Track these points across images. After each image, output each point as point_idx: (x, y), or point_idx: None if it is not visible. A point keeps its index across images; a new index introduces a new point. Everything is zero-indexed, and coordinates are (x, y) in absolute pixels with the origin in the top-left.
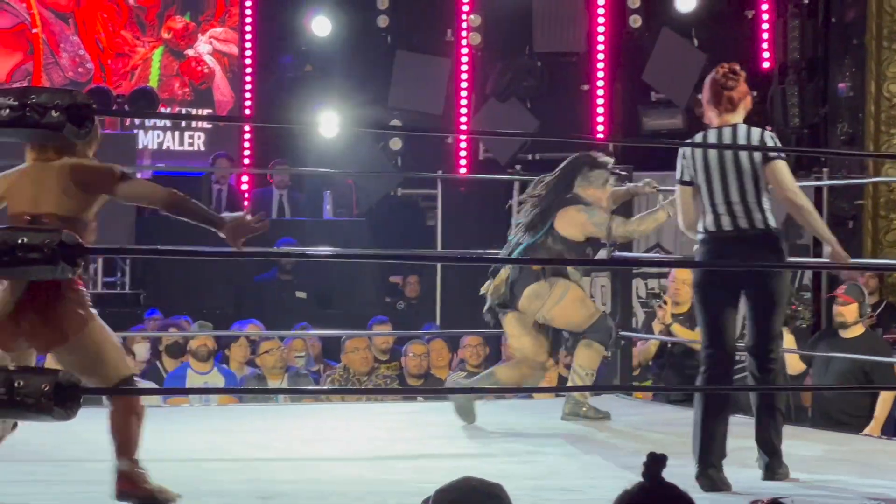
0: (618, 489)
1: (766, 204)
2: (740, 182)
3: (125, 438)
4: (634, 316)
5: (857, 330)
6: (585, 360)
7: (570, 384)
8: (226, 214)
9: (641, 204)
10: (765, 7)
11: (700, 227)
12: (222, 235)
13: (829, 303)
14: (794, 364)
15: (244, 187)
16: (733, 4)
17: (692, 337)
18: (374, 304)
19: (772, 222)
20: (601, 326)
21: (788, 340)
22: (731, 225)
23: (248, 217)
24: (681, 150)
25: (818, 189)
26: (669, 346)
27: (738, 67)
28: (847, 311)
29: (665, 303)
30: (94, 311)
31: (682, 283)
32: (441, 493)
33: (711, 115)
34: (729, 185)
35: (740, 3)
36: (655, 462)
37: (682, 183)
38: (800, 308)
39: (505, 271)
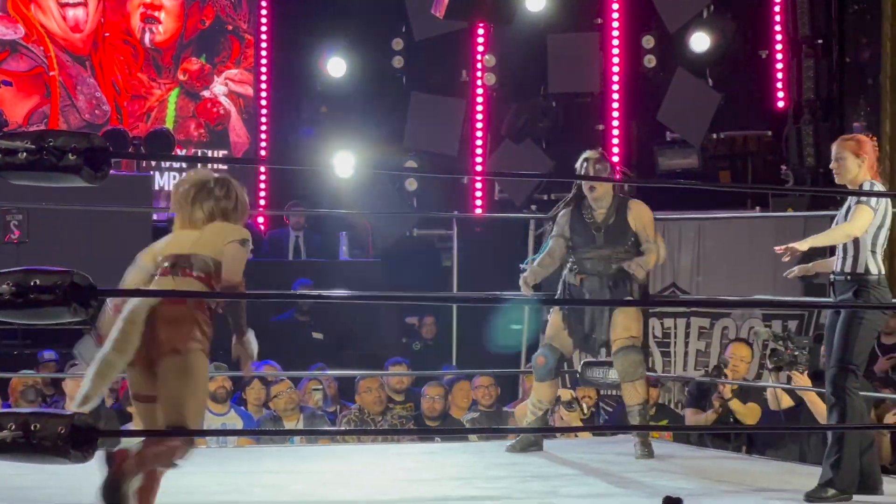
0: None
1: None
2: None
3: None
4: (651, 356)
5: None
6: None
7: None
8: (250, 335)
9: None
10: (779, 47)
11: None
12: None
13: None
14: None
15: (261, 228)
16: (747, 44)
17: (746, 412)
18: (390, 345)
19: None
20: None
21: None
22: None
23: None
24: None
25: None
26: (731, 420)
27: None
28: None
29: (727, 376)
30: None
31: (740, 360)
32: None
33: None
34: None
35: (754, 43)
36: None
37: None
38: (796, 353)
39: None
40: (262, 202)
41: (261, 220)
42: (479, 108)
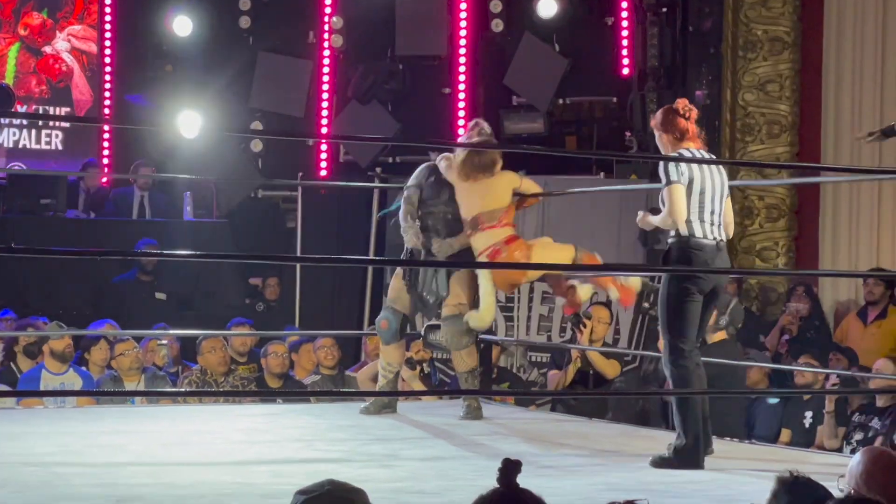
0: (475, 494)
1: None
2: None
3: None
4: (495, 320)
5: (719, 337)
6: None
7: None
8: None
9: None
10: (624, 14)
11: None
12: None
13: None
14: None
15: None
16: (594, 11)
17: (606, 365)
18: (234, 305)
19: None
20: None
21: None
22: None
23: None
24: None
25: None
26: (591, 373)
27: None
28: None
29: (585, 326)
30: None
31: (598, 321)
32: (302, 495)
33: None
34: None
35: (601, 10)
36: (510, 468)
37: None
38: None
39: None
40: (105, 161)
41: (104, 179)
42: (326, 69)
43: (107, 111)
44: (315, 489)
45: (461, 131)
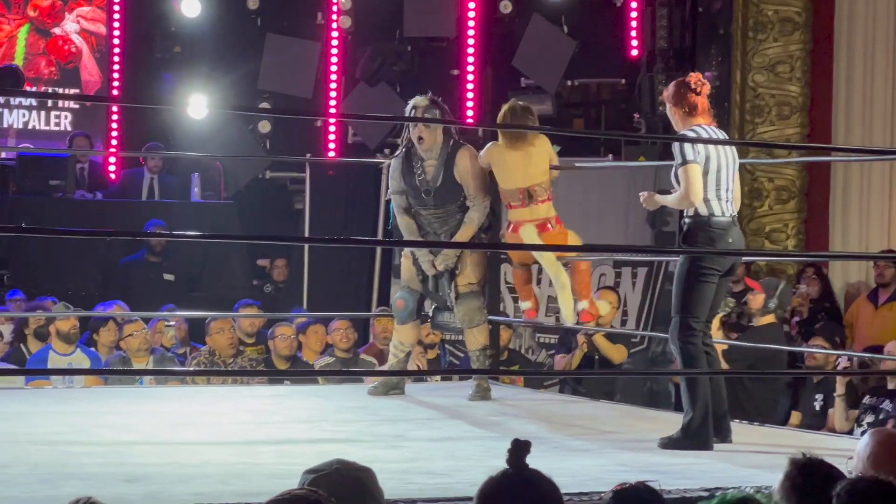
0: (484, 474)
1: None
2: None
3: None
4: (503, 301)
5: (767, 320)
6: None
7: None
8: None
9: None
10: None
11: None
12: None
13: None
14: None
15: (111, 168)
16: None
17: (612, 350)
18: (241, 287)
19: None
20: None
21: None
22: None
23: None
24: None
25: None
26: (597, 358)
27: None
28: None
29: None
30: None
31: (607, 303)
32: (310, 474)
33: None
34: None
35: None
36: (519, 448)
37: None
38: None
39: None
40: (114, 143)
41: (112, 160)
42: (335, 50)
43: (115, 92)
44: (323, 468)
45: (469, 112)
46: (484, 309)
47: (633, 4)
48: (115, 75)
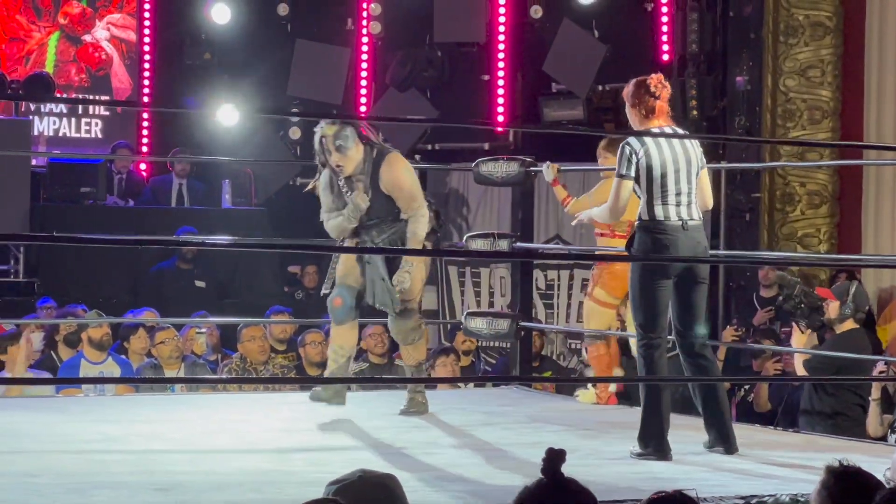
0: (518, 483)
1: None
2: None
3: None
4: (534, 307)
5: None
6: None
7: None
8: None
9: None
10: (664, 0)
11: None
12: None
13: None
14: None
15: (144, 175)
16: None
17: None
18: (272, 294)
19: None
20: None
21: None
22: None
23: None
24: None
25: (717, 178)
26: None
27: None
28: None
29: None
30: None
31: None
32: (334, 485)
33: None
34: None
35: None
36: (554, 457)
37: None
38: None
39: None
40: (144, 149)
41: (143, 166)
42: (365, 56)
43: (146, 99)
44: (346, 478)
45: (500, 118)
46: (420, 326)
47: (664, 9)
48: (146, 82)
